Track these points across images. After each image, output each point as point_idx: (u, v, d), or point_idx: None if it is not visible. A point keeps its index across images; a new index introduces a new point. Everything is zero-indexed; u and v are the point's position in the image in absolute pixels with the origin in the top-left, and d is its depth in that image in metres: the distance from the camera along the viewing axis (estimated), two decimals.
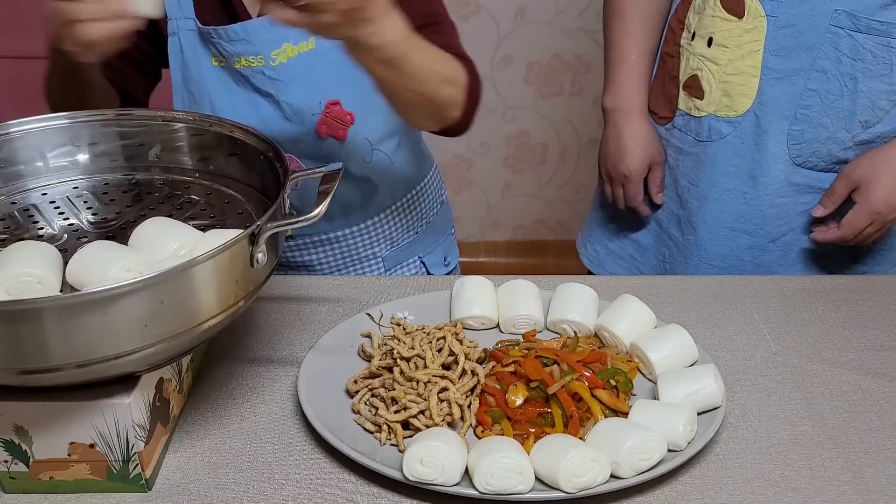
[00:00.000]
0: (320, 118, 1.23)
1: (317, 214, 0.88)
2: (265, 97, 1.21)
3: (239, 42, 1.17)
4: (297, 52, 1.19)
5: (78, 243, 0.95)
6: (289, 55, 1.19)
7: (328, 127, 1.23)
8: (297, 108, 1.21)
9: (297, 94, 1.21)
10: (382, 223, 1.36)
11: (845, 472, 0.91)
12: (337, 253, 1.35)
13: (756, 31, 1.23)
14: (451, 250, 1.51)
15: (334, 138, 1.25)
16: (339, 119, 1.24)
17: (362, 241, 1.36)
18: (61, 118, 1.06)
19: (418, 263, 1.43)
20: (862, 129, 1.24)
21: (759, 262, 1.36)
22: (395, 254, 1.40)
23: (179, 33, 1.20)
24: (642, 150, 1.38)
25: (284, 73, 1.20)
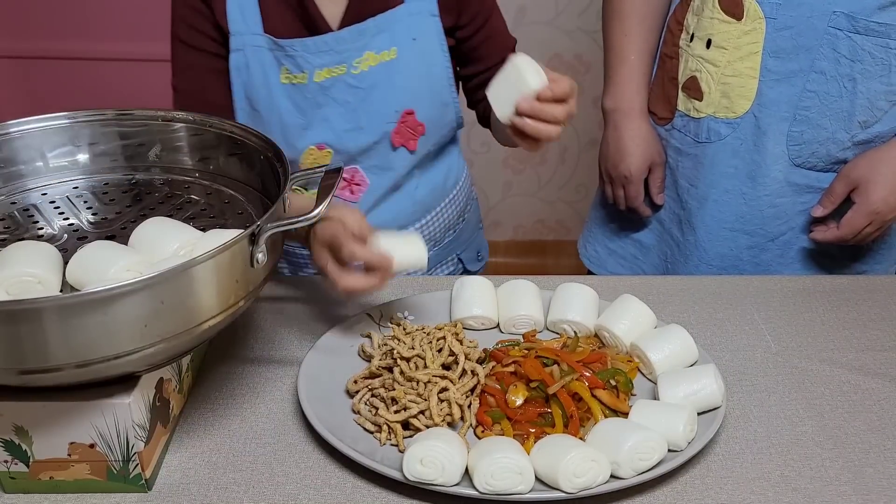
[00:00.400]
0: (395, 127, 1.23)
1: (317, 214, 0.88)
2: (340, 107, 1.21)
3: (326, 53, 1.17)
4: (378, 62, 1.19)
5: (78, 243, 0.95)
6: (370, 63, 1.19)
7: (401, 136, 1.24)
8: (373, 116, 1.22)
9: (375, 103, 1.21)
10: (428, 225, 1.37)
11: (845, 472, 0.91)
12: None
13: (755, 32, 1.23)
14: (483, 244, 1.53)
15: (405, 148, 1.26)
16: (412, 129, 1.25)
17: None
18: (61, 118, 1.06)
19: (456, 261, 1.45)
20: (861, 129, 1.25)
21: (758, 261, 1.36)
22: (437, 254, 1.41)
23: (246, 49, 1.17)
24: (642, 151, 1.38)
25: (365, 82, 1.20)
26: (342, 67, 1.18)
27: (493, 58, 1.27)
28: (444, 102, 1.26)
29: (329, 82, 1.19)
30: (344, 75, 1.18)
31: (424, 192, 1.34)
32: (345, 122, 1.21)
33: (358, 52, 1.18)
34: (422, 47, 1.21)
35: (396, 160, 1.27)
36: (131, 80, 2.60)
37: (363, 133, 1.22)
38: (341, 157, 1.24)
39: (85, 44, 2.55)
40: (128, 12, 2.49)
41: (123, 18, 2.51)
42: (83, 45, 2.56)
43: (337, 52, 1.17)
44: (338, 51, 1.17)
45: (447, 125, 1.30)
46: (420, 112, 1.24)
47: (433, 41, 1.22)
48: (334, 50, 1.17)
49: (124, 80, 2.60)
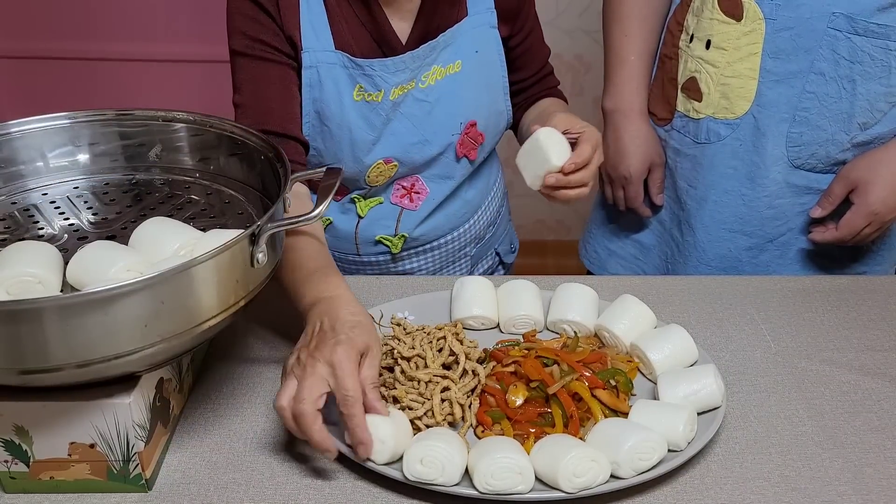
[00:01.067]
0: (459, 139, 1.25)
1: (317, 214, 0.88)
2: (408, 121, 1.21)
3: (403, 71, 1.18)
4: (444, 75, 1.20)
5: (78, 243, 0.95)
6: (437, 77, 1.20)
7: (464, 147, 1.26)
8: (438, 128, 1.23)
9: (440, 115, 1.22)
10: (475, 225, 1.39)
11: (845, 472, 0.91)
12: (436, 258, 1.38)
13: (754, 33, 1.23)
14: (514, 236, 1.56)
15: (467, 158, 1.28)
16: (474, 139, 1.27)
17: (459, 245, 1.38)
18: (61, 118, 1.06)
19: (494, 255, 1.47)
20: (860, 130, 1.25)
21: (757, 262, 1.36)
22: (479, 250, 1.42)
23: (319, 66, 1.16)
24: (642, 152, 1.38)
25: (432, 95, 1.21)
26: (412, 83, 1.19)
27: (532, 67, 1.32)
28: (500, 111, 1.29)
29: (401, 98, 1.19)
30: (413, 90, 1.19)
31: (473, 193, 1.36)
32: (411, 136, 1.22)
33: (427, 67, 1.19)
34: (483, 59, 1.23)
35: (458, 170, 1.28)
36: (131, 80, 2.60)
37: (429, 146, 1.23)
38: (406, 168, 1.25)
39: (85, 44, 2.55)
40: (128, 13, 2.49)
41: (123, 19, 2.51)
42: (83, 45, 2.55)
43: (411, 69, 1.18)
44: (411, 68, 1.18)
45: (501, 132, 1.33)
46: (481, 122, 1.26)
47: (493, 52, 1.24)
48: (409, 68, 1.18)
49: (124, 80, 2.60)
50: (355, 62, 1.16)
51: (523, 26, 1.27)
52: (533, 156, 1.10)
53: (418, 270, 1.37)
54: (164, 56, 2.54)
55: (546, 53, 1.35)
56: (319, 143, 1.21)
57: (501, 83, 1.27)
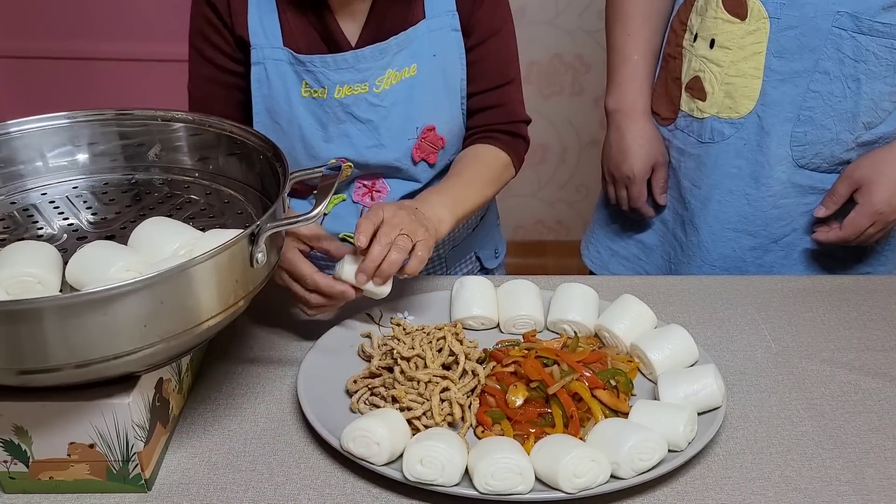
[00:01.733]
0: (416, 143, 1.23)
1: (317, 214, 0.88)
2: (362, 125, 1.20)
3: (347, 70, 1.17)
4: (399, 79, 1.19)
5: (78, 243, 0.95)
6: (392, 81, 1.19)
7: (422, 151, 1.25)
8: (395, 133, 1.22)
9: (397, 120, 1.21)
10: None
11: (845, 472, 0.91)
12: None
13: (759, 32, 1.23)
14: (500, 242, 1.53)
15: (426, 162, 1.26)
16: (433, 144, 1.25)
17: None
18: (61, 118, 1.06)
19: (474, 259, 1.45)
20: (865, 130, 1.24)
21: (761, 262, 1.36)
22: (454, 253, 1.41)
23: (266, 63, 1.17)
24: (645, 152, 1.37)
25: (387, 100, 1.19)
26: (364, 86, 1.18)
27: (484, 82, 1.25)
28: (461, 114, 1.27)
29: (350, 100, 1.18)
30: (366, 94, 1.18)
31: None
32: (366, 140, 1.21)
33: (380, 70, 1.18)
34: (441, 63, 1.21)
35: (418, 173, 1.27)
36: (131, 80, 2.60)
37: (384, 150, 1.22)
38: (362, 170, 1.25)
39: (85, 44, 2.55)
40: (128, 13, 2.49)
41: (123, 19, 2.51)
42: (83, 45, 2.55)
43: (358, 70, 1.17)
44: (359, 69, 1.17)
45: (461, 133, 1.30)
46: (440, 126, 1.24)
47: (453, 56, 1.22)
48: (355, 68, 1.17)
49: (124, 80, 2.60)
50: (298, 58, 1.16)
51: (475, 30, 1.22)
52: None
53: None
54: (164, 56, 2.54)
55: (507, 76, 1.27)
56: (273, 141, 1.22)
57: (460, 87, 1.24)
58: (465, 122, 1.29)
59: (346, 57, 1.16)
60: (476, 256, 1.45)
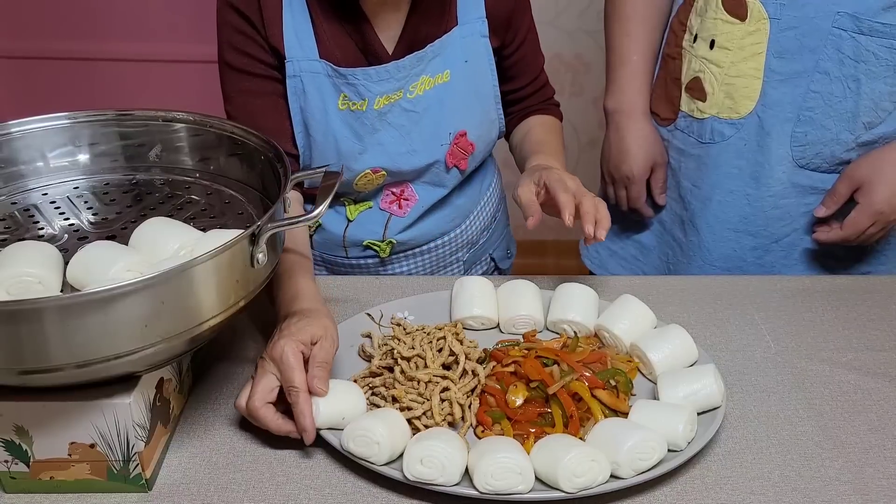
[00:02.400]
0: (448, 149, 1.24)
1: (318, 214, 0.88)
2: (395, 131, 1.20)
3: (388, 81, 1.17)
4: (432, 85, 1.19)
5: (78, 243, 0.95)
6: (425, 87, 1.19)
7: (454, 157, 1.25)
8: (427, 138, 1.22)
9: (429, 125, 1.21)
10: (467, 230, 1.38)
11: (845, 472, 0.91)
12: (427, 262, 1.37)
13: (759, 33, 1.23)
14: (511, 241, 1.55)
15: (457, 168, 1.27)
16: (464, 149, 1.26)
17: (450, 249, 1.37)
18: (61, 118, 1.06)
19: (489, 260, 1.46)
20: (865, 130, 1.24)
21: (762, 262, 1.36)
22: (472, 255, 1.42)
23: (302, 75, 1.16)
24: (645, 152, 1.37)
25: (420, 105, 1.20)
26: (399, 93, 1.18)
27: (525, 77, 1.31)
28: (491, 119, 1.28)
29: (387, 108, 1.19)
30: (400, 100, 1.19)
31: (464, 199, 1.35)
32: (399, 146, 1.21)
33: (415, 77, 1.18)
34: (473, 69, 1.22)
35: (448, 179, 1.28)
36: (131, 80, 2.60)
37: (417, 156, 1.23)
38: (395, 177, 1.25)
39: (85, 44, 2.55)
40: (128, 13, 2.49)
41: (124, 19, 2.51)
42: (83, 45, 2.56)
43: (396, 79, 1.17)
44: (397, 78, 1.17)
45: (493, 141, 1.32)
46: (471, 132, 1.25)
47: (483, 62, 1.23)
48: (394, 77, 1.17)
49: (124, 80, 2.60)
50: (339, 71, 1.15)
51: (516, 35, 1.26)
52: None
53: (409, 273, 1.37)
54: (164, 56, 2.54)
55: (541, 63, 1.34)
56: (307, 152, 1.22)
57: (492, 92, 1.26)
58: (499, 125, 1.30)
59: (388, 68, 1.16)
60: (491, 257, 1.46)
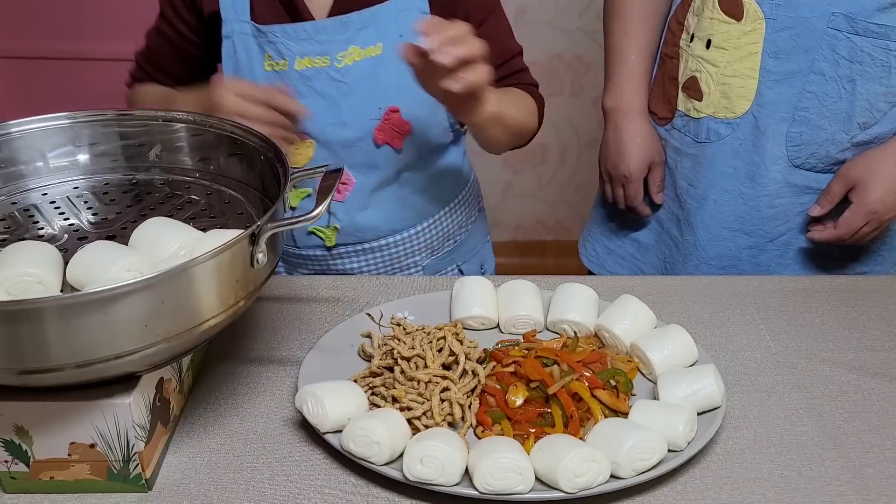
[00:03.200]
0: (378, 124, 1.23)
1: (317, 214, 0.88)
2: (323, 100, 1.21)
3: (307, 41, 1.17)
4: (363, 56, 1.19)
5: (78, 243, 0.95)
6: (355, 58, 1.19)
7: (385, 134, 1.24)
8: (356, 111, 1.21)
9: (359, 98, 1.21)
10: (424, 233, 1.36)
11: (845, 472, 0.91)
12: (379, 261, 1.36)
13: (754, 33, 1.23)
14: (487, 257, 1.52)
15: (390, 146, 1.25)
16: (397, 127, 1.24)
17: (405, 250, 1.36)
18: (61, 118, 1.06)
19: (456, 271, 1.44)
20: (860, 130, 1.25)
21: (757, 261, 1.36)
22: (434, 263, 1.40)
23: (234, 36, 1.20)
24: (642, 151, 1.38)
25: (349, 76, 1.19)
26: (325, 59, 1.18)
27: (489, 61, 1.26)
28: (433, 102, 1.22)
29: (311, 72, 1.19)
30: (327, 68, 1.18)
31: (419, 197, 1.33)
32: (327, 116, 1.21)
33: (343, 45, 1.18)
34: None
35: (381, 158, 1.26)
36: None
37: (345, 128, 1.22)
38: (324, 149, 1.24)
39: (85, 44, 2.56)
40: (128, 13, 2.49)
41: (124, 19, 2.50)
42: (83, 45, 2.56)
43: (318, 41, 1.17)
44: (319, 41, 1.17)
45: (438, 125, 1.29)
46: (405, 110, 1.23)
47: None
48: (315, 39, 1.17)
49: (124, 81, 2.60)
50: (260, 29, 1.18)
51: (468, 16, 1.22)
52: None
53: (360, 272, 1.36)
54: None
55: (514, 50, 1.30)
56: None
57: None
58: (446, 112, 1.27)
59: (306, 27, 1.17)
60: (459, 270, 1.44)
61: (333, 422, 0.90)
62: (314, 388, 0.92)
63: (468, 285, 1.13)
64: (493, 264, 1.53)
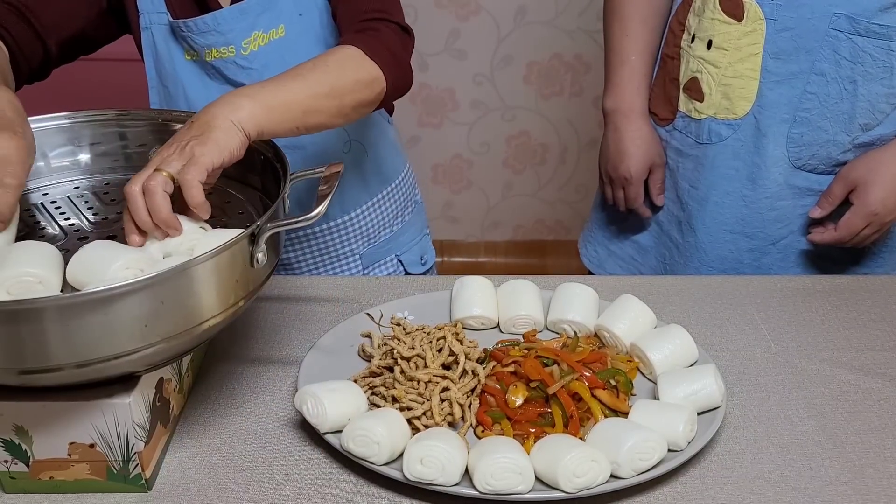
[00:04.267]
0: None
1: (317, 214, 0.88)
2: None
3: (209, 33, 1.17)
4: (267, 41, 1.18)
5: (79, 243, 0.95)
6: (259, 43, 1.18)
7: None
8: None
9: None
10: (358, 219, 1.36)
11: (845, 472, 0.91)
12: (315, 250, 1.35)
13: (755, 34, 1.23)
14: (427, 249, 1.52)
15: None
16: None
17: (339, 238, 1.36)
18: (62, 118, 1.06)
19: (395, 262, 1.44)
20: (861, 131, 1.24)
21: (759, 264, 1.36)
22: (371, 251, 1.40)
23: (152, 27, 1.20)
24: (643, 152, 1.37)
25: (256, 62, 1.19)
26: (230, 49, 1.18)
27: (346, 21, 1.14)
28: None
29: (220, 63, 1.19)
30: (234, 57, 1.18)
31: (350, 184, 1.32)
32: None
33: (245, 32, 1.17)
34: (309, 22, 1.20)
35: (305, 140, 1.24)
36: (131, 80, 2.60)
37: None
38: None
39: None
40: None
41: None
42: None
43: (220, 32, 1.17)
44: (221, 31, 1.17)
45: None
46: None
47: (322, 14, 1.20)
48: (216, 30, 1.17)
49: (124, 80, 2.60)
50: (171, 23, 1.18)
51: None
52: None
53: (296, 262, 1.35)
54: None
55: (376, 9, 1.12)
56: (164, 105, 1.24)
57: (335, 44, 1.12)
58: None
59: (206, 19, 1.16)
60: (398, 259, 1.45)
61: (333, 422, 0.90)
62: (314, 388, 0.92)
63: (468, 285, 1.13)
64: (434, 257, 1.53)
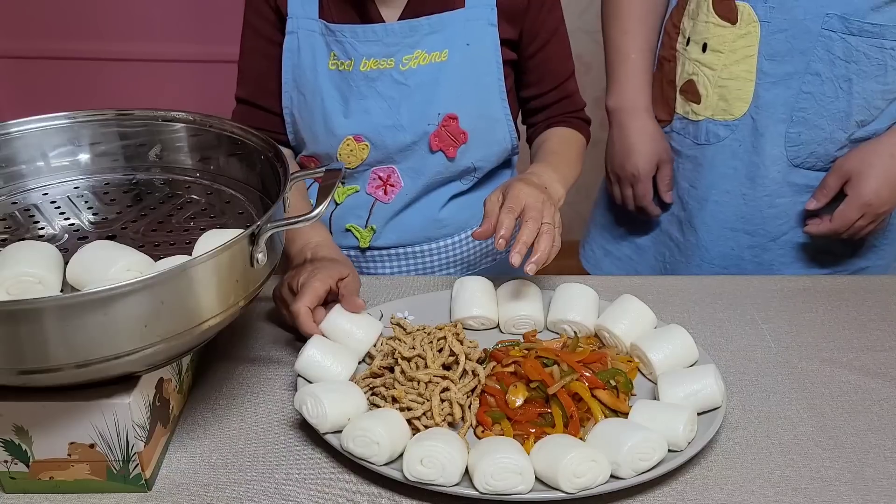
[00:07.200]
0: (435, 130, 1.23)
1: (317, 214, 0.88)
2: (383, 102, 1.21)
3: (374, 43, 1.18)
4: (428, 61, 1.20)
5: (79, 243, 0.95)
6: (420, 62, 1.19)
7: (441, 141, 1.23)
8: (415, 115, 1.21)
9: (419, 102, 1.21)
10: (458, 245, 1.35)
11: (845, 473, 0.91)
12: (412, 269, 1.34)
13: (750, 36, 1.23)
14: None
15: (444, 154, 1.25)
16: (453, 135, 1.24)
17: (437, 261, 1.34)
18: (61, 118, 1.06)
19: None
20: (858, 128, 1.25)
21: (760, 260, 1.36)
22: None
23: (299, 32, 1.20)
24: (649, 148, 1.37)
25: (412, 79, 1.20)
26: (390, 61, 1.19)
27: (547, 83, 1.29)
28: (494, 117, 1.26)
29: (375, 74, 1.19)
30: (391, 69, 1.19)
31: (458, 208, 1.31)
32: (385, 118, 1.21)
33: (409, 48, 1.19)
34: (474, 54, 1.21)
35: (432, 165, 1.26)
36: (131, 80, 2.60)
37: (402, 131, 1.22)
38: (379, 152, 1.24)
39: (85, 44, 2.56)
40: (127, 13, 2.49)
41: (124, 19, 2.51)
42: (83, 45, 2.56)
43: (385, 44, 1.18)
44: (386, 43, 1.18)
45: (497, 143, 1.28)
46: (464, 119, 1.23)
47: (488, 51, 1.22)
48: (383, 41, 1.18)
49: (124, 80, 2.60)
50: (329, 28, 1.18)
51: (537, 35, 1.24)
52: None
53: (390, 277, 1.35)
54: (164, 56, 2.54)
55: (569, 70, 1.32)
56: (296, 113, 1.24)
57: (497, 86, 1.24)
58: (508, 128, 1.28)
59: (375, 29, 1.18)
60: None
61: (333, 422, 0.90)
62: (314, 388, 0.92)
63: (468, 285, 1.13)
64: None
